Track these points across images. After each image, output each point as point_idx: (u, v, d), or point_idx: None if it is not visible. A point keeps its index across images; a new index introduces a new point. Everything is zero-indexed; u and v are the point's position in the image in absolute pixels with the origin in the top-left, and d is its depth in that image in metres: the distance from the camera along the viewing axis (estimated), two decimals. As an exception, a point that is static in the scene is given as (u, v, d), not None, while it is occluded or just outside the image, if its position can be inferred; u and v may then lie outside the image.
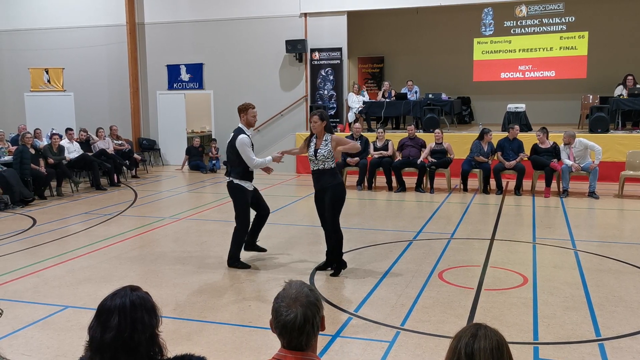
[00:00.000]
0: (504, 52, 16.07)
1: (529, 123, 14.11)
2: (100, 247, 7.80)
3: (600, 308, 5.31)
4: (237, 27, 16.24)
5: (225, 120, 16.59)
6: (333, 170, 6.40)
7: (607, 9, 16.32)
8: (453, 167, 12.14)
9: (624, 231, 8.70)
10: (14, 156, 11.57)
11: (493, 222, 9.07)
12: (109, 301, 2.12)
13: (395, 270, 6.59)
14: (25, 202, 10.98)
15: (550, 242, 7.74)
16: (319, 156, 6.32)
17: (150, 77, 17.22)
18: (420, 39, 18.14)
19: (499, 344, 1.91)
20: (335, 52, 15.62)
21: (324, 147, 6.31)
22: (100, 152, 13.63)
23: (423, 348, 4.54)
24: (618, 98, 13.69)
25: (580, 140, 11.17)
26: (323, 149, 6.30)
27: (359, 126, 13.14)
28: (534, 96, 16.78)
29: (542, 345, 4.56)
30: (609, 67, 15.87)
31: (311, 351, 2.14)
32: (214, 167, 15.73)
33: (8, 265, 6.99)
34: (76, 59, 17.50)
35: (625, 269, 6.56)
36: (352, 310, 5.35)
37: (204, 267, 6.83)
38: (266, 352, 4.24)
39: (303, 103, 16.00)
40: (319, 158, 6.32)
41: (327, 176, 6.36)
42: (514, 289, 5.90)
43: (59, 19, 17.49)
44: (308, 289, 2.17)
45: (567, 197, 11.01)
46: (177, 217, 9.72)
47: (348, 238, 7.99)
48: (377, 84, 18.77)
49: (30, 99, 18.19)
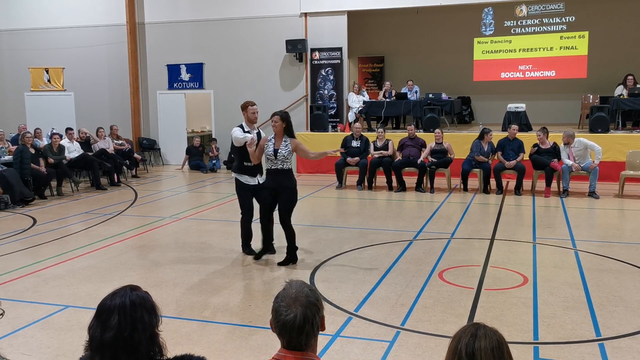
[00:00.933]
0: (504, 52, 16.07)
1: (529, 123, 14.10)
2: (101, 246, 7.80)
3: (600, 308, 5.31)
4: (237, 26, 16.24)
5: (225, 119, 16.59)
6: (290, 171, 6.73)
7: (607, 8, 16.32)
8: (453, 166, 12.13)
9: (624, 231, 8.70)
10: (14, 156, 11.57)
11: (493, 222, 9.07)
12: (109, 300, 2.12)
13: (396, 270, 6.59)
14: (25, 201, 10.98)
15: (550, 242, 7.73)
16: (279, 156, 6.60)
17: (151, 77, 17.22)
18: (420, 38, 18.13)
19: (499, 343, 1.91)
20: (336, 51, 15.62)
21: (284, 148, 6.59)
22: (101, 151, 13.63)
23: (423, 348, 4.54)
24: (618, 98, 13.68)
25: (580, 140, 11.17)
26: (283, 150, 6.59)
27: (359, 126, 13.14)
28: (534, 96, 16.78)
29: (542, 345, 4.56)
30: (609, 67, 15.86)
31: (311, 351, 2.14)
32: (214, 166, 15.73)
33: (8, 264, 7.00)
34: (76, 59, 17.50)
35: (626, 268, 6.56)
36: (352, 310, 5.35)
37: (204, 266, 6.83)
38: (266, 352, 4.24)
39: (303, 103, 16.00)
40: (279, 158, 6.60)
41: (285, 177, 6.67)
42: (514, 289, 5.90)
43: (59, 19, 17.49)
44: (308, 289, 2.17)
45: (567, 197, 11.01)
46: (177, 217, 9.72)
47: (348, 238, 8.00)
48: (378, 83, 18.78)
49: (31, 98, 18.19)
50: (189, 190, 13.11)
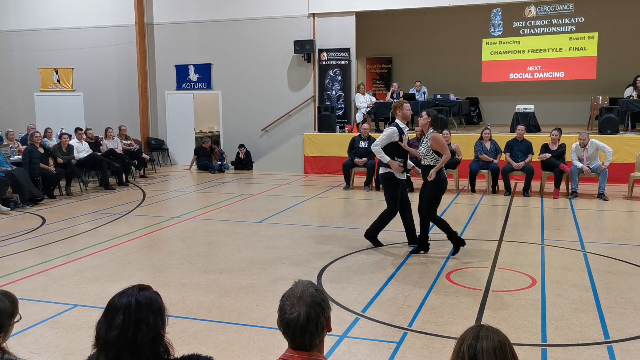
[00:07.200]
0: (513, 52, 16.01)
1: (537, 124, 14.05)
2: (109, 246, 7.84)
3: (609, 310, 5.28)
4: (245, 27, 16.27)
5: (233, 120, 16.65)
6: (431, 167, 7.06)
7: (617, 9, 16.22)
8: (461, 168, 12.10)
9: (633, 233, 8.64)
10: (24, 156, 11.64)
11: (501, 223, 9.04)
12: (116, 299, 2.12)
13: (403, 271, 6.58)
14: (34, 201, 11.05)
15: (558, 244, 7.70)
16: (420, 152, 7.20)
17: (159, 77, 17.29)
18: (428, 39, 18.10)
19: (501, 343, 1.90)
20: (344, 52, 15.62)
21: (424, 144, 7.13)
22: (109, 151, 13.69)
23: (430, 349, 4.52)
24: (628, 99, 13.60)
25: (592, 141, 11.11)
26: (423, 147, 7.16)
27: (367, 127, 13.13)
28: (543, 97, 16.71)
29: (550, 347, 4.54)
30: (619, 68, 15.77)
31: (317, 351, 2.14)
32: (221, 167, 15.77)
33: (17, 263, 7.04)
34: (85, 59, 17.60)
35: (635, 271, 6.52)
36: (359, 311, 5.34)
37: (212, 266, 6.84)
38: (273, 352, 4.24)
39: (311, 103, 16.00)
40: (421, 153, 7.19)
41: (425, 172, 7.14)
42: (522, 291, 5.87)
43: (68, 19, 17.59)
44: (314, 289, 2.17)
45: (576, 199, 10.96)
46: (185, 217, 9.74)
47: (356, 238, 8.00)
48: (386, 84, 18.76)
49: (40, 98, 18.31)
50: (197, 191, 13.15)
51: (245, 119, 16.48)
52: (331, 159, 14.56)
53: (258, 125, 16.31)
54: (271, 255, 7.28)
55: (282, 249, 7.55)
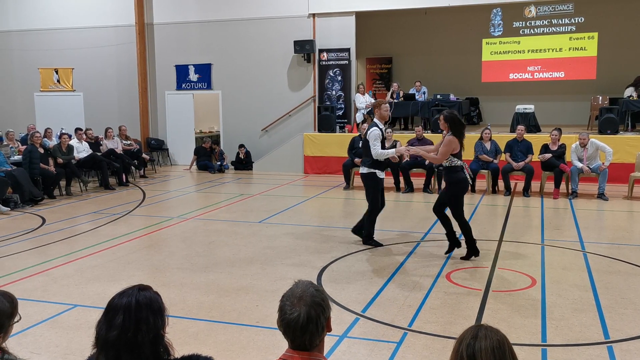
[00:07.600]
0: (513, 52, 16.01)
1: (537, 124, 14.04)
2: (109, 246, 7.84)
3: (609, 310, 5.28)
4: (245, 27, 16.27)
5: (233, 120, 16.65)
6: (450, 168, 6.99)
7: (617, 9, 16.22)
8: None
9: (633, 233, 8.64)
10: (24, 156, 11.64)
11: (501, 224, 9.04)
12: (116, 299, 2.12)
13: (403, 271, 6.58)
14: (34, 201, 11.05)
15: (558, 244, 7.70)
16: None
17: (159, 77, 17.29)
18: (428, 39, 18.10)
19: (500, 343, 1.90)
20: (344, 52, 15.61)
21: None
22: (109, 152, 13.69)
23: (430, 349, 4.52)
24: (628, 99, 13.61)
25: (592, 141, 11.11)
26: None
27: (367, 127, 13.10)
28: (543, 97, 16.71)
29: (550, 347, 4.54)
30: (619, 68, 15.77)
31: (317, 351, 2.14)
32: (221, 167, 15.77)
33: (17, 263, 7.04)
34: (86, 59, 17.60)
35: (635, 271, 6.52)
36: (359, 311, 5.34)
37: (212, 266, 6.84)
38: (273, 352, 4.24)
39: (311, 104, 16.00)
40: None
41: (445, 174, 7.11)
42: (522, 291, 5.87)
43: (68, 20, 17.59)
44: (314, 289, 2.17)
45: (576, 199, 10.96)
46: (185, 217, 9.74)
47: (355, 238, 7.99)
48: (386, 84, 18.75)
49: (40, 98, 18.31)
50: (197, 191, 13.15)
51: (245, 119, 16.48)
52: (331, 159, 14.56)
53: (258, 125, 16.31)
54: (271, 255, 7.29)
55: (282, 249, 7.55)
